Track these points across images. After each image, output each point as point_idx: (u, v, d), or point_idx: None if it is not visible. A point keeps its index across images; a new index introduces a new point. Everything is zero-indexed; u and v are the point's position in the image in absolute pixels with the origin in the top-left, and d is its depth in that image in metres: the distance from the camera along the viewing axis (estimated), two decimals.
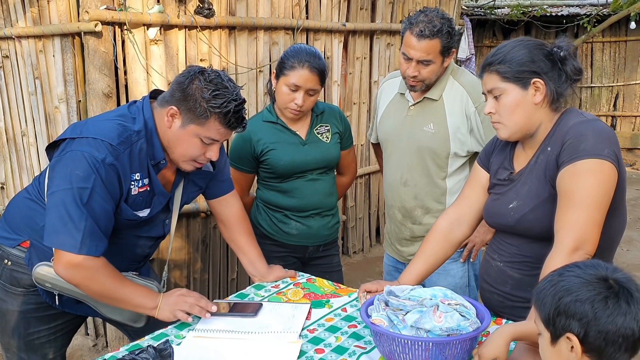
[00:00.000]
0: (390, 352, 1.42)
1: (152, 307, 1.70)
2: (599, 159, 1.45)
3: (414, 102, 2.26)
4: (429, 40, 2.07)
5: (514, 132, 1.60)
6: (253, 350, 1.55)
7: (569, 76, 1.56)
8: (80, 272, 1.62)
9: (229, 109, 1.66)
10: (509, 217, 1.63)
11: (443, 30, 2.07)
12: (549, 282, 1.11)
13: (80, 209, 1.58)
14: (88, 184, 1.59)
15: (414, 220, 2.31)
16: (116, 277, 1.68)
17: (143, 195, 1.74)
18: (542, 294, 1.10)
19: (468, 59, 6.16)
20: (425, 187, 2.26)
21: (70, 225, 1.58)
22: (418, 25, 2.07)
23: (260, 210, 2.38)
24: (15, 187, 3.39)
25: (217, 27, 3.07)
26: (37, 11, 2.94)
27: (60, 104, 2.93)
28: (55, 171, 1.64)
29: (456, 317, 1.40)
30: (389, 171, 2.37)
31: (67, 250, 1.59)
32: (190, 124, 1.68)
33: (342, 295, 1.92)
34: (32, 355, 1.90)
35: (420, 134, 2.22)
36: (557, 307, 1.05)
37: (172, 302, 1.70)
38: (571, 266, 1.12)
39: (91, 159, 1.60)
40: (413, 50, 2.09)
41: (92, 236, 1.60)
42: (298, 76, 2.15)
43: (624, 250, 4.94)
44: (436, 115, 2.21)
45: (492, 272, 1.72)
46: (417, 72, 2.13)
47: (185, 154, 1.73)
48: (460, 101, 2.18)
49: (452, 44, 2.13)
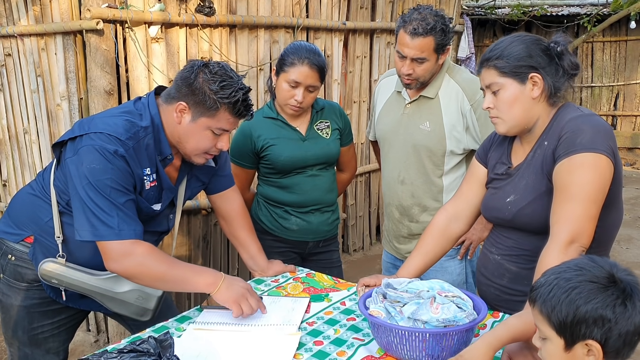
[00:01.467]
0: (387, 344, 1.44)
1: (211, 282, 1.68)
2: (595, 153, 1.46)
3: (410, 100, 2.27)
4: (422, 38, 2.07)
5: (512, 126, 1.62)
6: (253, 342, 1.57)
7: (566, 71, 1.58)
8: (132, 260, 1.62)
9: (237, 98, 1.69)
10: (507, 211, 1.64)
11: (437, 27, 2.07)
12: (556, 286, 1.07)
13: (106, 199, 1.60)
14: (107, 175, 1.61)
15: (411, 218, 2.32)
16: (167, 259, 1.68)
17: (154, 190, 1.77)
18: (553, 300, 1.06)
19: (468, 58, 6.16)
20: (422, 185, 2.27)
21: (102, 216, 1.60)
22: (411, 23, 2.07)
23: (260, 206, 2.40)
24: (17, 184, 3.41)
25: (218, 25, 3.09)
26: (40, 9, 2.96)
27: (62, 102, 2.95)
28: (72, 171, 1.65)
29: (453, 309, 1.41)
30: (387, 169, 2.38)
31: (109, 239, 1.60)
32: (201, 117, 1.70)
33: (341, 289, 1.93)
34: (35, 350, 1.92)
35: (417, 132, 2.24)
36: (575, 315, 1.03)
37: (237, 291, 1.68)
38: (574, 267, 1.09)
39: (104, 151, 1.62)
40: (407, 48, 2.10)
41: (127, 221, 1.62)
42: (298, 72, 2.17)
43: (623, 248, 4.95)
44: (432, 114, 2.21)
45: (490, 265, 1.74)
46: (411, 70, 2.13)
47: (198, 147, 1.75)
48: (455, 99, 2.19)
49: (446, 41, 2.13)
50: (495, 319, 1.67)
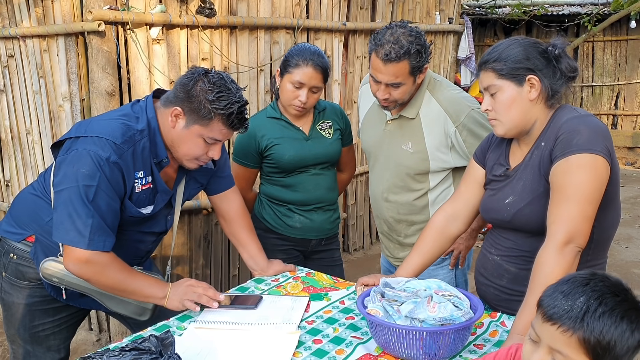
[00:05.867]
0: (385, 342, 1.46)
1: (161, 296, 1.75)
2: (592, 154, 1.47)
3: (391, 117, 2.17)
4: (396, 63, 1.92)
5: (510, 128, 1.63)
6: (253, 341, 1.58)
7: (564, 73, 1.59)
8: (90, 268, 1.66)
9: (232, 111, 1.70)
10: (505, 213, 1.66)
11: (411, 50, 1.92)
12: (584, 311, 1.00)
13: (87, 206, 1.62)
14: (94, 182, 1.63)
15: (399, 232, 2.26)
16: (125, 270, 1.73)
17: (146, 192, 1.78)
18: (586, 321, 1.00)
19: (468, 58, 6.18)
20: (407, 204, 2.19)
21: (78, 222, 1.62)
22: (384, 47, 1.92)
23: (264, 205, 2.43)
24: (20, 185, 3.43)
25: (219, 26, 3.10)
26: (42, 11, 2.98)
27: (64, 103, 2.97)
28: (61, 170, 1.68)
29: (449, 308, 1.43)
30: (372, 183, 2.31)
31: (76, 246, 1.63)
32: (194, 125, 1.72)
33: (341, 288, 1.95)
34: (37, 347, 1.94)
35: (399, 152, 2.14)
36: (608, 343, 0.99)
37: (181, 291, 1.75)
38: (605, 293, 1.03)
39: (96, 157, 1.63)
40: (381, 74, 1.96)
41: (100, 232, 1.64)
42: (302, 74, 2.19)
43: (622, 247, 4.95)
44: (414, 134, 2.11)
45: (489, 265, 1.75)
46: (387, 94, 2.01)
47: (189, 153, 1.77)
48: (437, 121, 2.07)
49: (422, 62, 1.98)
50: (493, 319, 1.69)
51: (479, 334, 1.60)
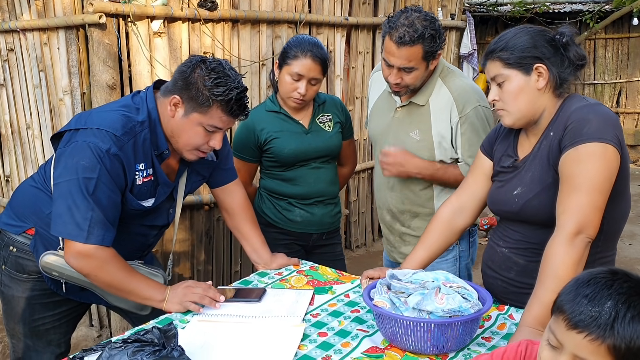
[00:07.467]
0: (392, 334, 1.43)
1: (160, 299, 1.71)
2: (602, 143, 1.45)
3: (400, 104, 2.15)
4: (409, 47, 1.91)
5: (518, 118, 1.60)
6: (257, 334, 1.56)
7: (572, 62, 1.56)
8: (89, 262, 1.63)
9: (230, 97, 1.67)
10: (513, 204, 1.63)
11: (425, 34, 1.90)
12: (613, 317, 0.93)
13: (87, 198, 1.60)
14: (94, 174, 1.60)
15: (402, 223, 2.25)
16: (125, 269, 1.70)
17: (147, 185, 1.76)
18: (612, 323, 0.93)
19: (470, 55, 6.15)
20: (412, 193, 2.18)
21: (77, 215, 1.60)
22: (398, 30, 1.90)
23: (264, 199, 2.40)
24: (20, 179, 3.41)
25: (220, 20, 3.08)
26: (42, 4, 2.96)
27: (65, 96, 2.95)
28: (61, 162, 1.65)
29: (458, 299, 1.41)
30: (378, 172, 2.29)
31: (75, 240, 1.61)
32: (193, 113, 1.69)
33: (345, 282, 1.93)
34: (37, 341, 1.92)
35: (407, 140, 2.13)
36: None
37: (181, 294, 1.71)
38: (631, 295, 0.96)
39: (96, 150, 1.61)
40: (393, 57, 1.95)
41: (100, 226, 1.62)
42: (301, 65, 2.16)
43: (626, 244, 4.93)
44: (422, 122, 2.10)
45: (497, 258, 1.73)
46: (399, 79, 1.99)
47: (189, 142, 1.74)
48: (445, 108, 2.06)
49: (436, 47, 1.96)
50: (501, 311, 1.66)
51: (487, 327, 1.58)
